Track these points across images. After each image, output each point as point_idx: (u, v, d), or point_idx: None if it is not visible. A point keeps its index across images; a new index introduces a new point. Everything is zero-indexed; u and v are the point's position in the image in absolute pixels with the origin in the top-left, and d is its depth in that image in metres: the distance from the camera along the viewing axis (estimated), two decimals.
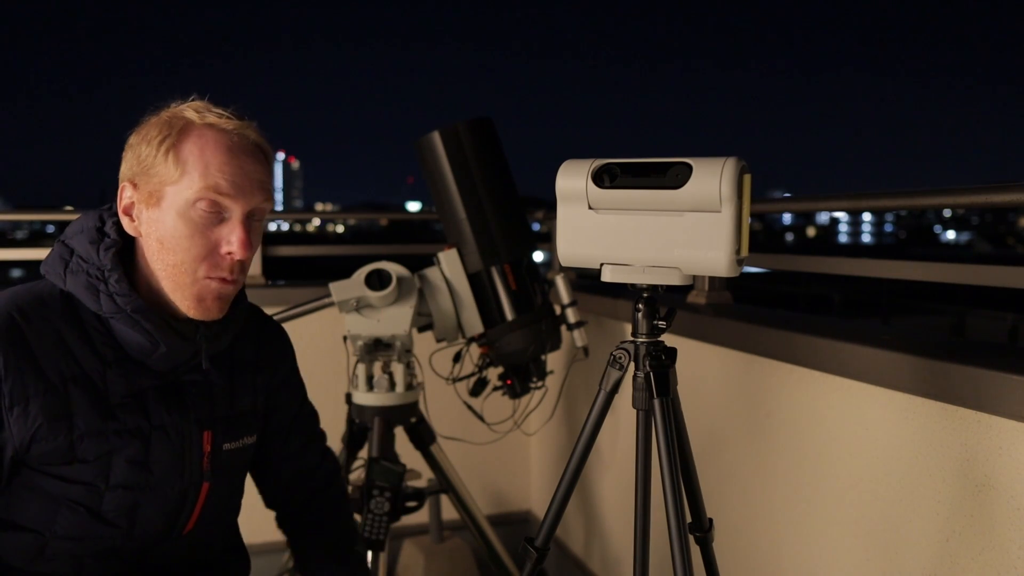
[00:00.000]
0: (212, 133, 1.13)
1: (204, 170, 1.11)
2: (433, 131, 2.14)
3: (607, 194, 1.16)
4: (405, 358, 2.11)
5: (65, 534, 1.13)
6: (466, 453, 2.67)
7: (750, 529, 1.85)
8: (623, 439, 2.43)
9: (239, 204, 1.14)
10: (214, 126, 1.14)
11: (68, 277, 1.15)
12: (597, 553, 2.66)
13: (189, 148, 1.12)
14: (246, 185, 1.14)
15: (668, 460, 1.17)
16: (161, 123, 1.14)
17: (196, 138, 1.13)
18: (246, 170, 1.14)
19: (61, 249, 1.18)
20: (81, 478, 1.11)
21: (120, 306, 1.12)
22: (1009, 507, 1.24)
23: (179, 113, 1.15)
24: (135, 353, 1.15)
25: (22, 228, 57.54)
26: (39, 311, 1.12)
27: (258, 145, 1.18)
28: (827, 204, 1.75)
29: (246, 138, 1.16)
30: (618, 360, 1.24)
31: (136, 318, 1.13)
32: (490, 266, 2.13)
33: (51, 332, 1.11)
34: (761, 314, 1.91)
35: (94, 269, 1.14)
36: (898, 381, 1.41)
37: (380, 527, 1.98)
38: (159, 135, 1.13)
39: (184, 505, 1.21)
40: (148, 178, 1.13)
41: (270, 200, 1.18)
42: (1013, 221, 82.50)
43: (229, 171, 1.12)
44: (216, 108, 1.16)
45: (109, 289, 1.13)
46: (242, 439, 1.29)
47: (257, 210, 1.17)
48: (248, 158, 1.15)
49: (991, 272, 1.48)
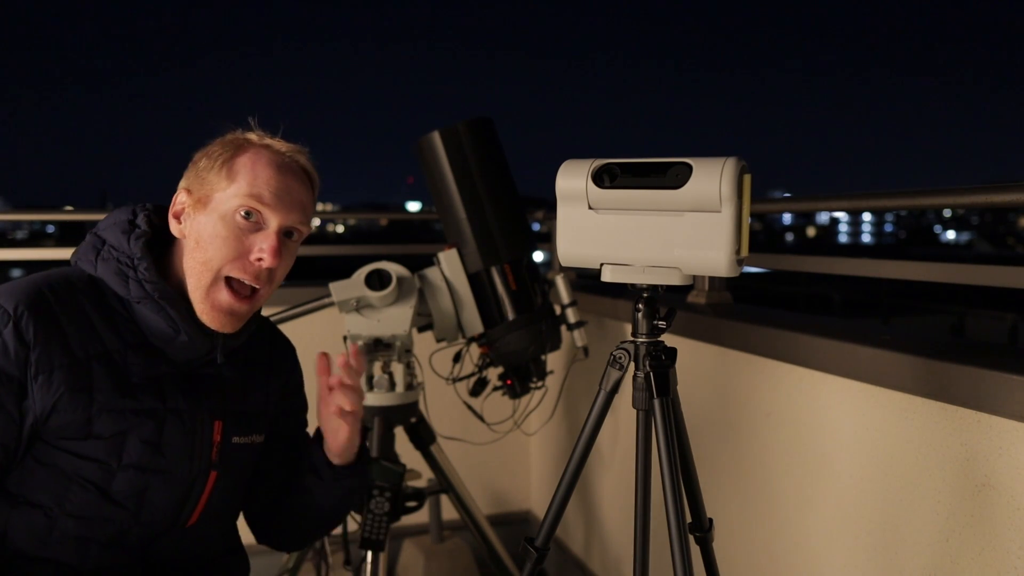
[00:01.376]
0: (266, 152, 1.24)
1: (251, 180, 1.20)
2: (433, 131, 2.14)
3: (607, 194, 1.16)
4: (405, 358, 2.11)
5: (74, 512, 1.16)
6: (466, 453, 2.67)
7: (750, 529, 1.85)
8: (623, 439, 2.43)
9: (277, 216, 1.21)
10: (270, 147, 1.25)
11: (99, 264, 1.22)
12: (597, 553, 2.66)
13: (242, 161, 1.22)
14: (287, 200, 1.22)
15: (668, 460, 1.18)
16: (225, 142, 1.25)
17: (251, 155, 1.23)
18: (289, 187, 1.23)
19: (93, 239, 1.25)
20: (94, 455, 1.15)
21: (148, 292, 1.19)
22: (1009, 507, 1.24)
23: (242, 135, 1.26)
24: (156, 340, 1.21)
25: (22, 228, 57.55)
26: (68, 291, 1.19)
27: (305, 170, 1.27)
28: (827, 204, 1.75)
29: (296, 161, 1.26)
30: (618, 360, 1.24)
31: (162, 304, 1.19)
32: (490, 266, 2.13)
33: (78, 310, 1.17)
34: (761, 314, 1.91)
35: (124, 257, 1.21)
36: (898, 381, 1.41)
37: (380, 527, 1.98)
38: (221, 151, 1.23)
39: (191, 493, 1.24)
40: (201, 185, 1.22)
41: (307, 225, 1.26)
42: (1013, 221, 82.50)
43: (274, 184, 1.21)
44: (276, 136, 1.27)
45: (138, 275, 1.20)
46: (251, 435, 1.32)
47: (294, 229, 1.25)
48: (294, 178, 1.25)
49: (991, 272, 1.48)
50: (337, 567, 2.31)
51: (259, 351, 1.37)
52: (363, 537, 1.98)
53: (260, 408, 1.35)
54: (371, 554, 1.97)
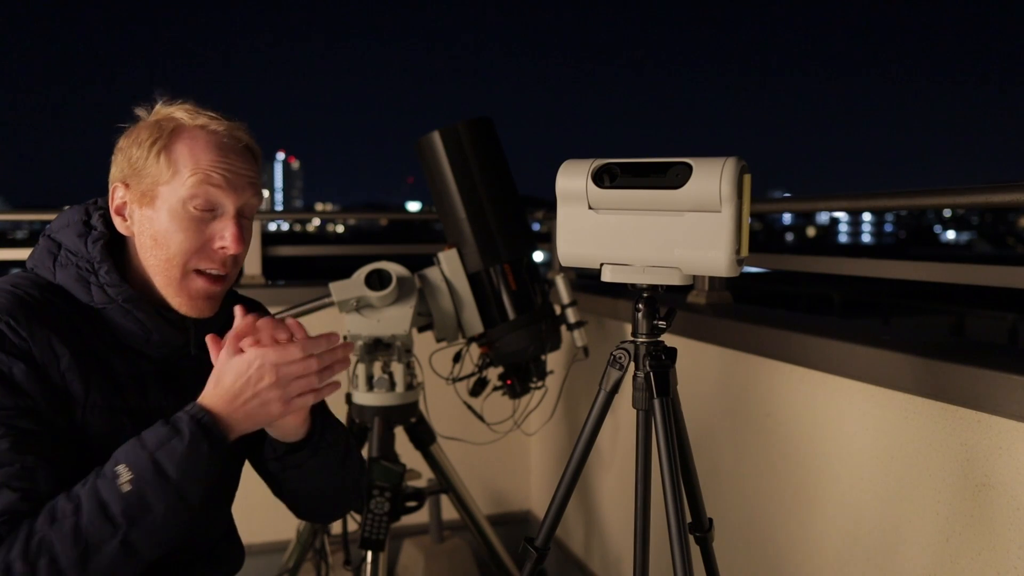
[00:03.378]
0: (203, 133, 1.16)
1: (196, 167, 1.14)
2: (433, 131, 2.15)
3: (607, 194, 1.16)
4: (405, 358, 2.11)
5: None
6: (466, 453, 2.67)
7: (750, 529, 1.85)
8: (623, 439, 2.43)
9: (231, 199, 1.17)
10: (205, 127, 1.17)
11: (58, 271, 1.16)
12: (597, 553, 2.66)
13: (180, 148, 1.15)
14: (237, 181, 1.17)
15: (668, 460, 1.17)
16: (151, 126, 1.17)
17: (187, 139, 1.15)
18: (236, 167, 1.17)
19: (48, 243, 1.19)
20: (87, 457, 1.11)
21: (111, 296, 1.15)
22: (1009, 507, 1.24)
23: (169, 115, 1.18)
24: (129, 341, 1.17)
25: (22, 228, 57.54)
26: (43, 294, 1.14)
27: (247, 146, 1.21)
28: (827, 204, 1.75)
29: (237, 139, 1.19)
30: (618, 360, 1.24)
31: (128, 307, 1.15)
32: (490, 266, 2.13)
33: (57, 314, 1.13)
34: (761, 314, 1.92)
35: (83, 261, 1.16)
36: (898, 381, 1.41)
37: (380, 527, 1.98)
38: (150, 137, 1.15)
39: None
40: (140, 179, 1.16)
41: (259, 196, 1.21)
42: (1013, 221, 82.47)
43: (221, 168, 1.15)
44: (206, 110, 1.19)
45: (100, 280, 1.15)
46: None
47: (247, 206, 1.20)
48: (238, 156, 1.18)
49: (991, 272, 1.48)
50: (337, 567, 2.31)
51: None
52: (363, 537, 1.98)
53: None
54: (371, 554, 1.98)
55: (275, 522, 1.54)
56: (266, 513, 1.51)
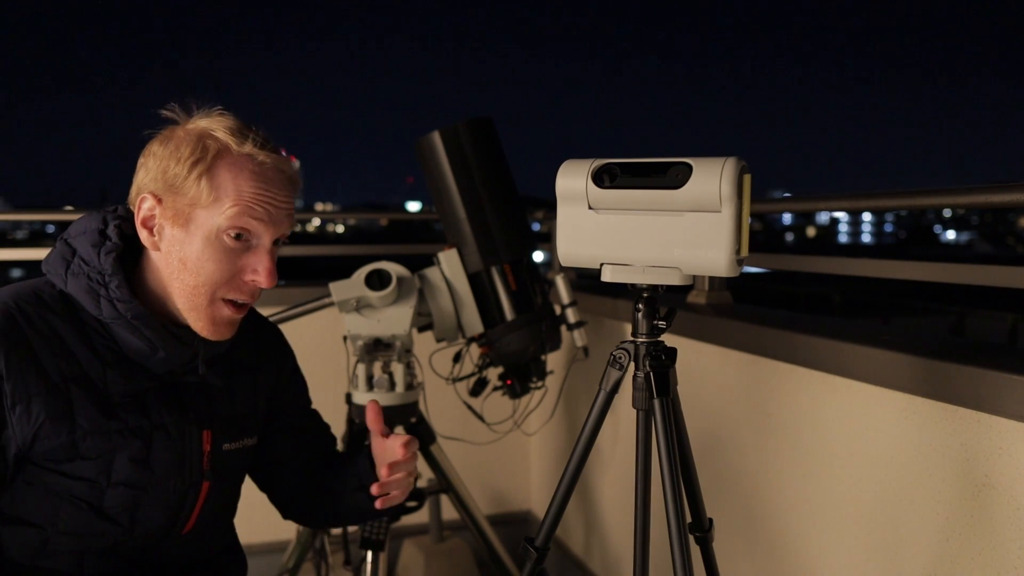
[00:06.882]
0: (250, 163, 1.14)
1: (238, 199, 1.12)
2: (433, 131, 2.14)
3: (607, 194, 1.16)
4: (405, 358, 2.11)
5: (67, 530, 1.13)
6: (466, 453, 2.67)
7: (750, 529, 1.85)
8: (623, 439, 2.43)
9: (269, 232, 1.16)
10: (253, 157, 1.14)
11: (69, 279, 1.15)
12: (597, 553, 2.66)
13: (224, 175, 1.12)
14: (278, 215, 1.16)
15: (668, 460, 1.17)
16: (192, 141, 1.13)
17: (233, 167, 1.13)
18: (278, 200, 1.16)
19: (63, 248, 1.18)
20: (83, 474, 1.12)
21: (120, 312, 1.13)
22: (1009, 507, 1.24)
23: (212, 133, 1.14)
24: (134, 356, 1.16)
25: (22, 228, 57.51)
26: (39, 311, 1.13)
27: (291, 179, 1.19)
28: (827, 204, 1.75)
29: (282, 172, 1.17)
30: (618, 360, 1.24)
31: (136, 324, 1.14)
32: (490, 266, 2.13)
33: (51, 332, 1.12)
34: (761, 314, 1.92)
35: (95, 273, 1.14)
36: (898, 381, 1.41)
37: (380, 527, 1.98)
38: (191, 156, 1.12)
39: (184, 504, 1.22)
40: (177, 197, 1.13)
41: (293, 225, 1.21)
42: (1013, 221, 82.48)
43: (263, 201, 1.14)
44: (250, 132, 1.16)
45: (110, 294, 1.13)
46: (242, 440, 1.29)
47: (281, 236, 1.20)
48: (280, 189, 1.17)
49: (991, 272, 1.48)
50: (337, 567, 2.31)
51: (245, 348, 1.32)
52: (363, 537, 1.98)
53: (250, 410, 1.31)
54: (371, 554, 1.98)
55: (275, 522, 1.54)
56: (266, 513, 1.51)
